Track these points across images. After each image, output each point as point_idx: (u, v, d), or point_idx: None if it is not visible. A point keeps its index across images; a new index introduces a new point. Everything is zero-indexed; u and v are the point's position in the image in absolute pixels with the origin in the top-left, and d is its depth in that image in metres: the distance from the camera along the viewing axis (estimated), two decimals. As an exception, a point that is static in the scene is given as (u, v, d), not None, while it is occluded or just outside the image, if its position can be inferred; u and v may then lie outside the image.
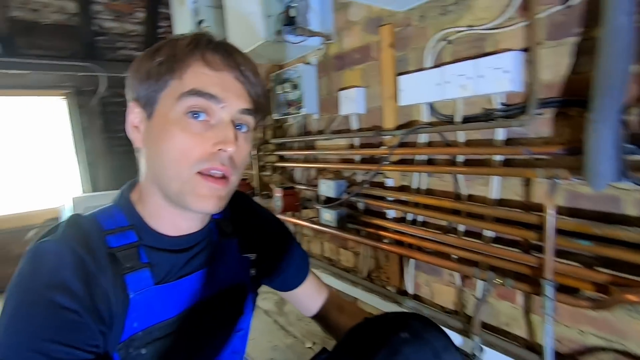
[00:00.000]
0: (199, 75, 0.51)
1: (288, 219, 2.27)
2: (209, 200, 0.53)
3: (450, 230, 1.39)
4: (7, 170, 3.19)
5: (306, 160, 2.19)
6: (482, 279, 1.24)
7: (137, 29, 3.48)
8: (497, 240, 1.24)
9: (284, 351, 1.79)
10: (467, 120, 1.29)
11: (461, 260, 1.32)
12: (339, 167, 1.89)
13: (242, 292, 0.70)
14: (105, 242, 0.54)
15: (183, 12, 2.63)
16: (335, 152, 1.92)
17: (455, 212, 1.33)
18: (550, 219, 1.00)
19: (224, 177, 0.54)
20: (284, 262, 0.77)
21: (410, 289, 1.62)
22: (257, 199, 2.62)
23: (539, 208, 1.11)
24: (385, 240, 1.63)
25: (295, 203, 2.18)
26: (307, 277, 0.81)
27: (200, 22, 2.51)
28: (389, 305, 1.63)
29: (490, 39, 1.19)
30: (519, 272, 1.13)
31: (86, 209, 0.61)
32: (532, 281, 1.10)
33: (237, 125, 0.55)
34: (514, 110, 1.14)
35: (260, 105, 0.58)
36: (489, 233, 1.25)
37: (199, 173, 0.52)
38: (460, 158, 1.32)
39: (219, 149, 0.51)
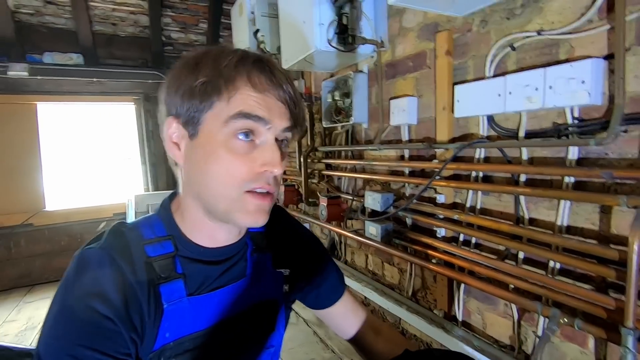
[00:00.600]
0: (246, 97, 0.51)
1: (333, 229, 2.23)
2: (256, 215, 0.54)
3: (508, 256, 1.26)
4: (83, 168, 3.57)
5: (354, 169, 2.14)
6: (544, 316, 1.09)
7: (200, 39, 3.70)
8: (565, 272, 1.09)
9: (321, 365, 1.75)
10: (532, 135, 1.16)
11: (520, 291, 1.18)
12: (386, 179, 1.82)
13: (274, 308, 0.68)
14: (144, 252, 0.55)
15: (241, 22, 2.74)
16: (384, 164, 1.84)
17: (515, 237, 1.20)
18: (635, 256, 0.84)
19: (268, 193, 0.55)
20: (317, 279, 0.75)
21: (459, 315, 1.50)
22: (303, 206, 2.64)
23: (620, 241, 0.95)
24: (433, 260, 1.52)
25: (341, 213, 2.15)
26: (342, 297, 0.77)
27: (256, 32, 2.59)
28: (435, 331, 1.51)
29: (563, 45, 1.06)
30: (592, 314, 0.98)
31: (146, 206, 0.64)
32: (608, 325, 0.94)
33: (280, 142, 0.56)
34: (590, 126, 0.99)
35: (300, 121, 0.58)
36: (554, 264, 1.10)
37: (247, 191, 0.53)
38: (523, 177, 1.18)
39: (265, 170, 0.52)
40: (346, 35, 1.71)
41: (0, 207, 3.10)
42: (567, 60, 1.04)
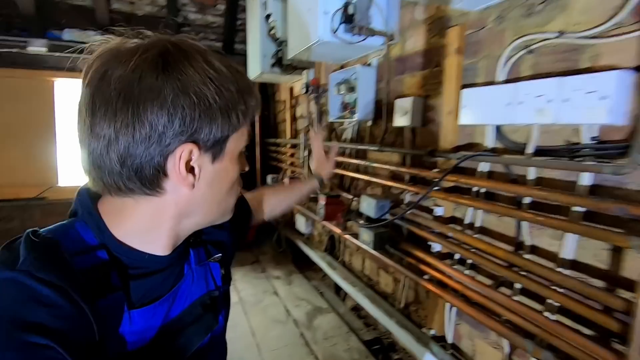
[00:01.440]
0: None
1: (331, 227, 2.14)
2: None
3: (505, 283, 1.13)
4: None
5: (356, 169, 2.03)
6: (535, 357, 0.97)
7: (218, 21, 3.62)
8: (564, 311, 0.96)
9: (303, 370, 1.70)
10: (542, 152, 1.01)
11: (512, 325, 1.06)
12: (386, 183, 1.70)
13: (215, 297, 0.65)
14: (76, 264, 0.48)
15: (255, 5, 2.64)
16: (385, 166, 1.72)
17: (513, 265, 1.07)
18: (643, 312, 0.71)
19: None
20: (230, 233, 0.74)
21: (449, 337, 1.39)
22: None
23: (628, 286, 0.81)
24: (425, 276, 1.42)
25: (339, 213, 2.05)
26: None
27: (267, 16, 2.48)
28: (421, 350, 1.42)
29: (587, 51, 0.90)
30: (588, 365, 0.85)
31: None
32: (605, 380, 0.82)
33: None
34: (609, 149, 0.85)
35: None
36: (552, 302, 0.97)
37: None
38: (527, 199, 1.05)
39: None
40: (352, 25, 1.59)
41: (15, 179, 3.20)
42: (588, 70, 0.88)
